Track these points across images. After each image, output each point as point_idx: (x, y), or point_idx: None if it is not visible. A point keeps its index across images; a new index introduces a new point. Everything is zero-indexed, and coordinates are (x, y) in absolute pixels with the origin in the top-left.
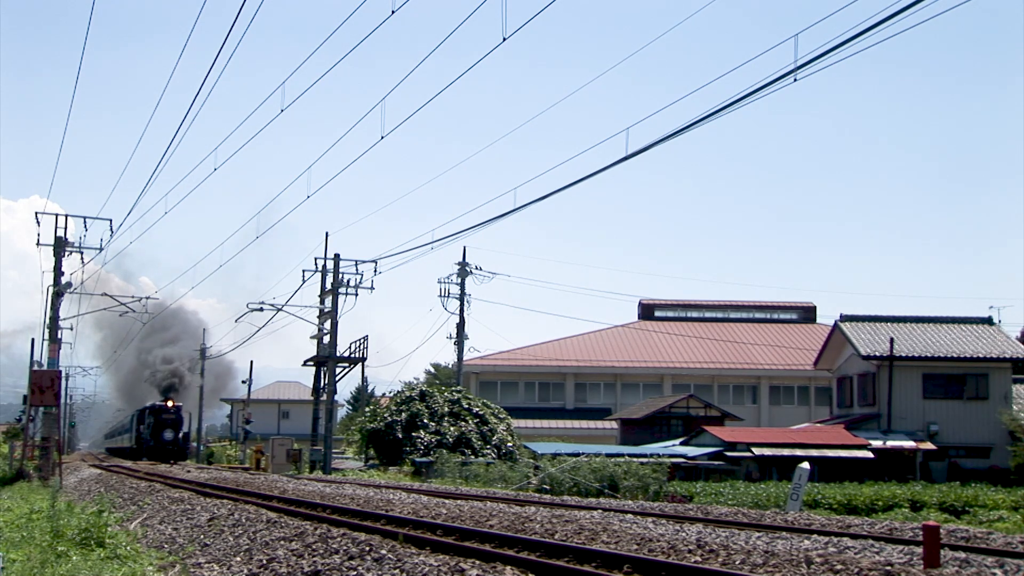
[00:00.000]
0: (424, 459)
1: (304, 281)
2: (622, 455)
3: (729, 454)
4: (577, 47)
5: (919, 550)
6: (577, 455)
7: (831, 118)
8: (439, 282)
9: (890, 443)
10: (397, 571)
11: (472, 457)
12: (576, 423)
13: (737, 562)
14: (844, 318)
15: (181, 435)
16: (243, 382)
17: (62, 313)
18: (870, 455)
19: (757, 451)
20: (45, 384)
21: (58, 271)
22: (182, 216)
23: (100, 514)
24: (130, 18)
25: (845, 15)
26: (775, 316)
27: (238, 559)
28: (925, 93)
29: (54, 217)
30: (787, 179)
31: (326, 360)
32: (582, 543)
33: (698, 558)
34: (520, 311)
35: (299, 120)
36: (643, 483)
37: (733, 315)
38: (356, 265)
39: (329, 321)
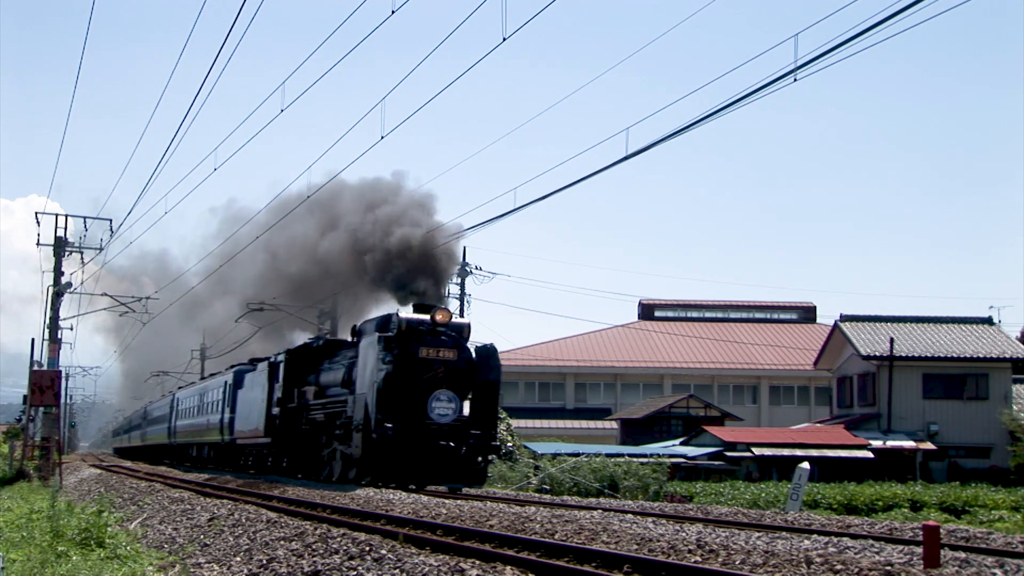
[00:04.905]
0: None
1: None
2: (622, 455)
3: (729, 454)
4: (577, 47)
5: (919, 550)
6: (577, 455)
7: (831, 118)
8: None
9: (890, 443)
10: (397, 571)
11: None
12: (576, 423)
13: (737, 562)
14: (844, 318)
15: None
16: None
17: (62, 313)
18: (870, 455)
19: (757, 451)
20: (45, 384)
21: (58, 271)
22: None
23: (100, 514)
24: (130, 18)
25: (845, 15)
26: (775, 316)
27: (238, 559)
28: (925, 93)
29: (54, 217)
30: (787, 179)
31: None
32: (582, 543)
33: (698, 558)
34: (520, 311)
35: (299, 120)
36: (643, 483)
37: (733, 315)
38: None
39: (329, 321)
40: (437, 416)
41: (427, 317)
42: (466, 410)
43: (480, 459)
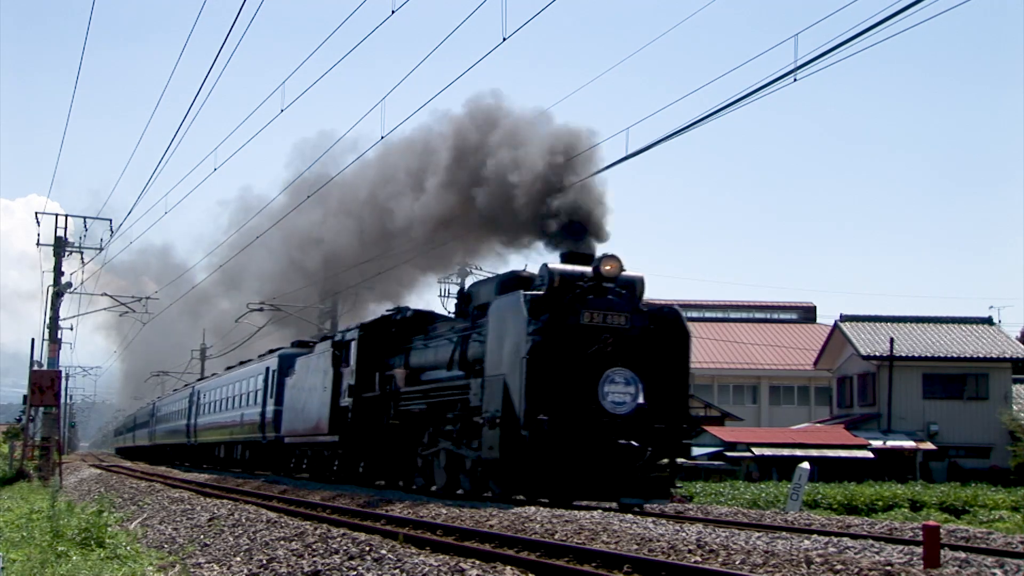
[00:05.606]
0: None
1: None
2: None
3: (729, 454)
4: (577, 47)
5: (919, 550)
6: None
7: (831, 118)
8: (439, 282)
9: (890, 443)
10: (397, 571)
11: None
12: None
13: (737, 562)
14: (844, 318)
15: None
16: None
17: (62, 313)
18: (870, 455)
19: (757, 451)
20: (45, 384)
21: (58, 271)
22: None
23: (100, 514)
24: (130, 18)
25: (845, 15)
26: (775, 316)
27: (238, 559)
28: (925, 93)
29: (54, 217)
30: (787, 179)
31: None
32: (582, 543)
33: (698, 558)
34: None
35: (299, 120)
36: None
37: (733, 315)
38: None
39: (329, 321)
40: (611, 404)
41: (587, 269)
42: (640, 396)
43: (667, 463)
